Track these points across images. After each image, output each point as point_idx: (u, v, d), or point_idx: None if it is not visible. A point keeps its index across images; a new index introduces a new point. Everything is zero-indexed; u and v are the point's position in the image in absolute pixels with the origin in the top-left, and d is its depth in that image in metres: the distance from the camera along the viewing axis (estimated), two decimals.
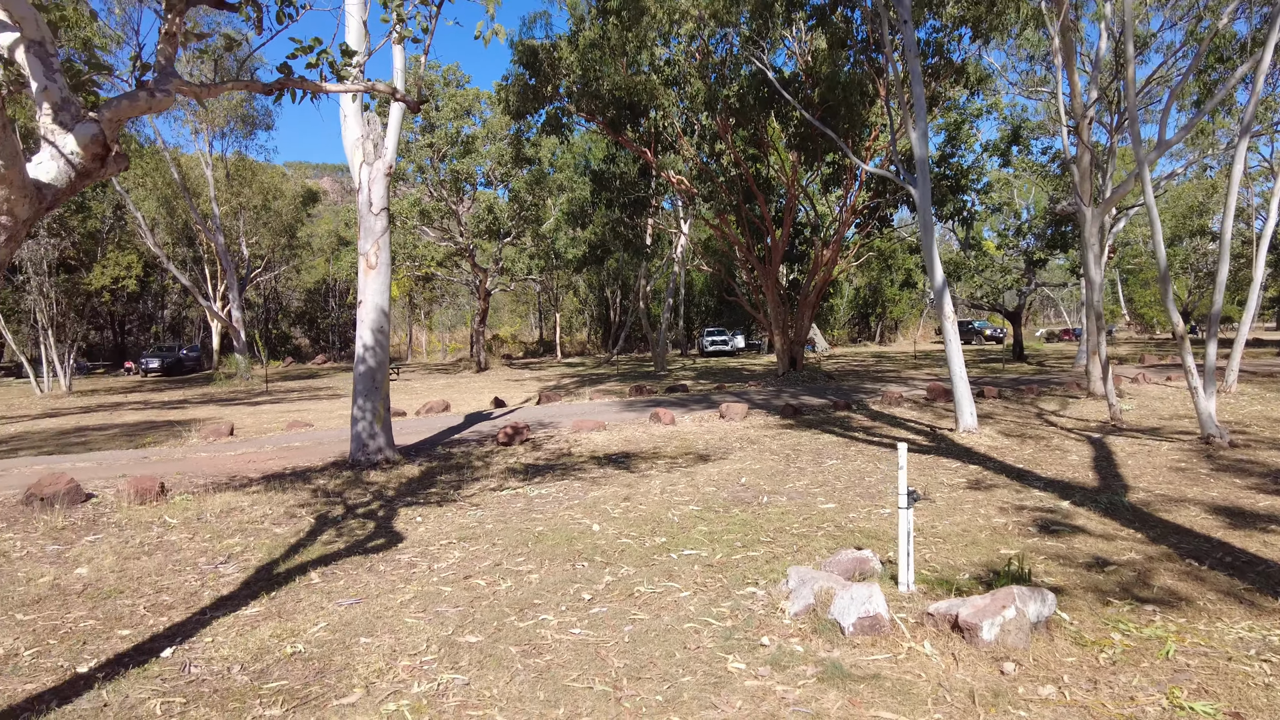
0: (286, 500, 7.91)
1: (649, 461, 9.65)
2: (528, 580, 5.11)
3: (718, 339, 43.51)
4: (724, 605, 4.55)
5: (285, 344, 50.12)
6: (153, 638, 4.35)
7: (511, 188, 32.39)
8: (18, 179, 2.93)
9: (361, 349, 9.72)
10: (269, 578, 5.39)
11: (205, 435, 13.21)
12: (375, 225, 9.68)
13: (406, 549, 6.01)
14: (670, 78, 18.81)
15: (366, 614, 4.58)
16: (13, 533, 6.89)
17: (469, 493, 8.11)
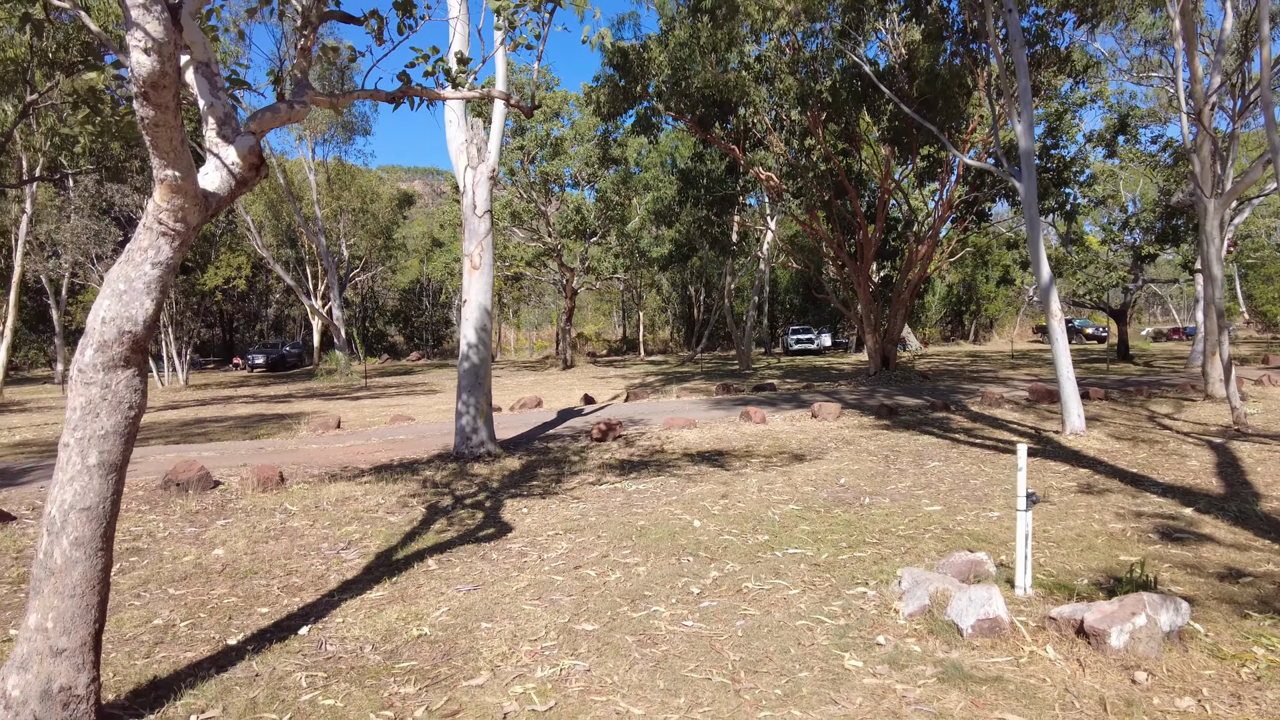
0: (397, 490, 8.26)
1: (742, 460, 9.65)
2: (636, 573, 5.21)
3: (803, 337, 42.94)
4: (835, 604, 4.54)
5: (382, 341, 52.07)
6: (289, 616, 4.64)
7: (598, 188, 32.78)
8: (191, 189, 3.19)
9: (465, 346, 10.06)
10: (389, 563, 5.66)
11: (314, 428, 13.89)
12: (479, 227, 10.00)
13: (516, 539, 6.21)
14: (761, 74, 18.70)
15: (485, 600, 4.77)
16: (155, 515, 7.43)
17: (569, 486, 8.29)
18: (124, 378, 3.16)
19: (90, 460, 3.07)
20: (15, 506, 7.74)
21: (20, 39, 14.48)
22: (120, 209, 27.44)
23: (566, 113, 32.77)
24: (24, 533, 6.93)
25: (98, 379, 3.11)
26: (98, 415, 3.10)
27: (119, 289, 3.15)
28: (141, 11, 2.75)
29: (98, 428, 3.09)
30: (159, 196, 3.18)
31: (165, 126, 2.99)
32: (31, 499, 8.14)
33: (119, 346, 3.13)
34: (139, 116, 2.94)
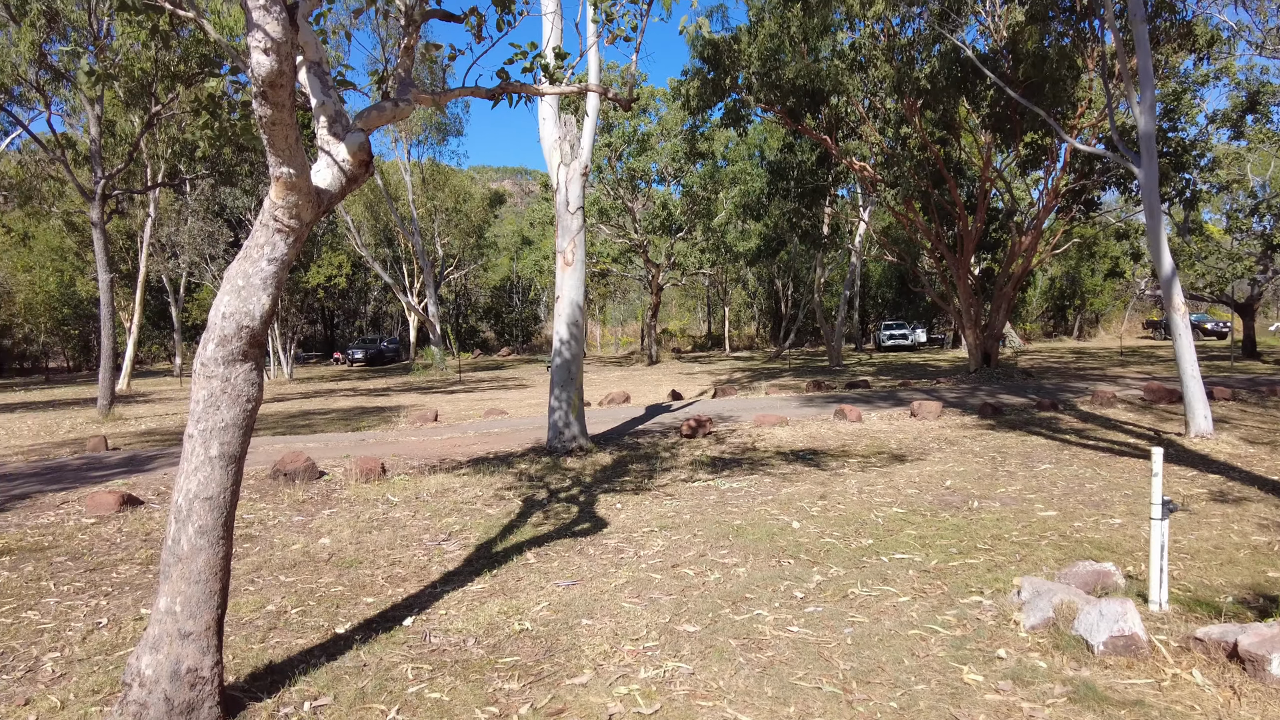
0: (493, 483, 8.38)
1: (839, 459, 9.38)
2: (735, 574, 5.09)
3: (896, 333, 41.73)
4: (948, 613, 4.31)
5: (474, 337, 53.42)
6: (393, 606, 4.72)
7: (685, 183, 32.63)
8: (305, 186, 3.24)
9: (557, 342, 10.12)
10: (488, 556, 5.71)
11: (413, 421, 14.29)
12: (572, 224, 10.03)
13: (611, 535, 6.18)
14: (854, 62, 18.17)
15: (584, 596, 4.74)
16: (265, 503, 7.74)
17: (661, 482, 8.23)
18: (242, 371, 3.25)
19: (212, 452, 3.16)
20: (143, 492, 8.21)
21: (145, 55, 15.40)
22: (231, 211, 28.95)
23: (653, 108, 32.74)
24: (150, 516, 7.33)
25: (218, 373, 3.20)
26: (218, 408, 3.19)
27: (237, 285, 3.23)
28: (262, 13, 2.80)
29: (218, 420, 3.18)
30: (275, 194, 3.25)
31: (281, 125, 3.04)
32: (156, 485, 8.63)
33: (238, 341, 3.22)
34: (257, 115, 3.00)
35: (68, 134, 18.94)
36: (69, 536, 6.69)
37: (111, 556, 6.05)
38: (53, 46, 15.36)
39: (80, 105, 17.85)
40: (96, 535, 6.71)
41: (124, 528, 6.93)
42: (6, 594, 5.18)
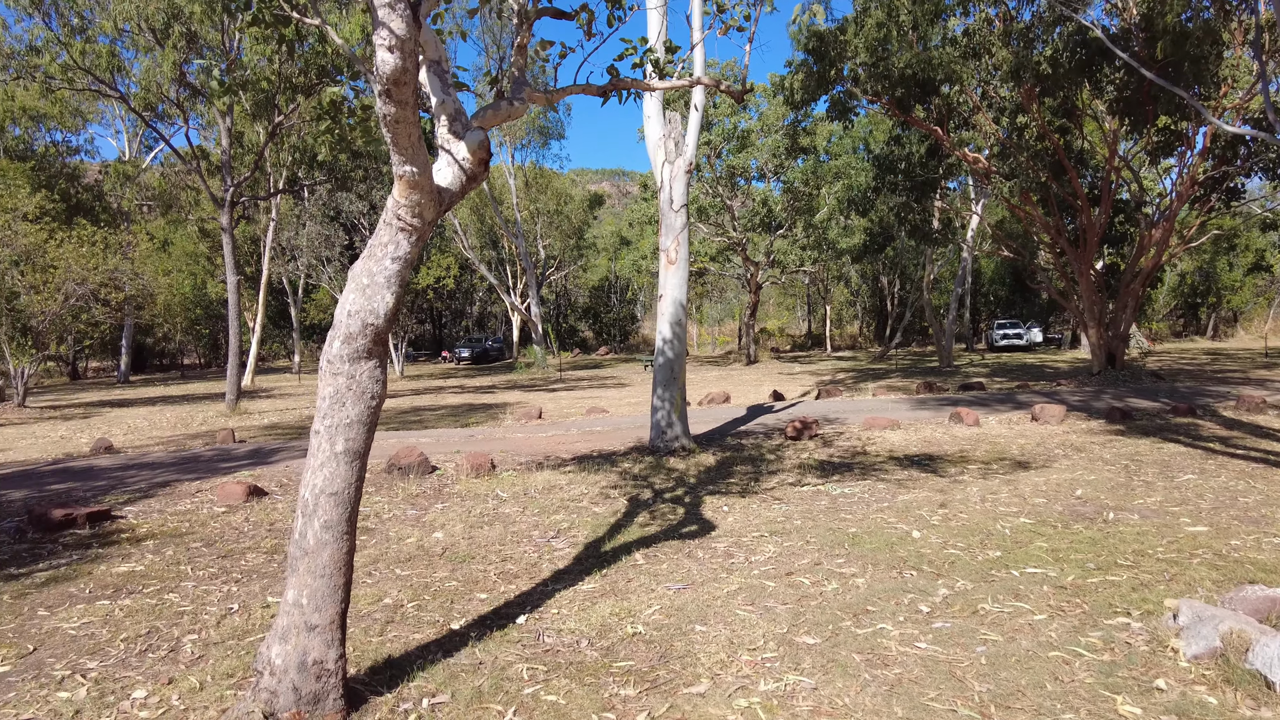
0: (598, 481, 8.37)
1: (957, 465, 8.92)
2: (854, 584, 4.87)
3: (1010, 332, 39.78)
4: (1092, 635, 3.97)
5: (573, 336, 54.25)
6: (506, 604, 4.73)
7: (785, 179, 32.07)
8: (428, 185, 3.25)
9: (660, 342, 10.05)
10: (597, 555, 5.68)
11: (518, 418, 14.53)
12: (675, 222, 9.94)
13: (720, 538, 6.04)
14: (967, 49, 17.35)
15: (696, 601, 4.63)
16: (380, 496, 7.98)
17: (768, 486, 8.02)
18: (367, 369, 3.29)
19: (337, 447, 3.21)
20: (267, 483, 8.61)
21: (270, 68, 16.26)
22: (346, 216, 30.31)
23: (753, 104, 32.32)
24: (274, 507, 7.67)
25: (344, 370, 3.24)
26: (344, 404, 3.23)
27: (362, 283, 3.27)
28: (387, 10, 2.81)
29: (344, 416, 3.23)
30: (398, 193, 3.27)
31: (404, 123, 3.05)
32: (279, 477, 9.04)
33: (363, 339, 3.26)
34: (381, 114, 3.02)
35: (202, 146, 20.26)
36: (203, 524, 7.06)
37: (240, 544, 6.34)
38: (190, 66, 16.44)
39: (213, 119, 19.08)
40: (227, 524, 7.06)
41: (250, 517, 7.26)
42: (151, 576, 5.49)
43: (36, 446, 14.03)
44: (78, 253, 20.94)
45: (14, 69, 15.00)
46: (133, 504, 7.86)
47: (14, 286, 20.45)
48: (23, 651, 4.21)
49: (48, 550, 6.32)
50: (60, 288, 20.52)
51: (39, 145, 33.56)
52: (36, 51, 14.89)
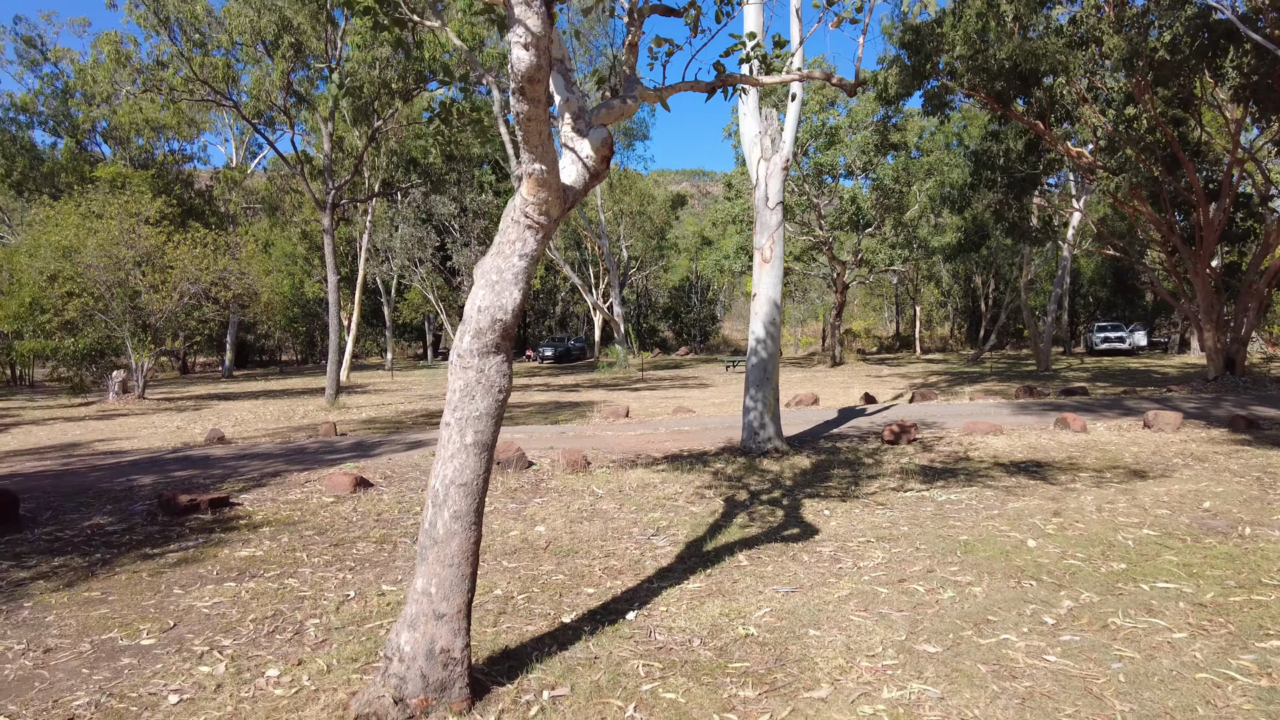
0: (692, 480, 8.34)
1: (1068, 473, 8.52)
2: (971, 593, 4.69)
3: (1111, 335, 37.85)
4: (1243, 658, 3.71)
5: (653, 336, 54.43)
6: (614, 599, 4.75)
7: (875, 175, 31.35)
8: (555, 182, 3.28)
9: (754, 341, 9.95)
10: (699, 554, 5.64)
11: (606, 416, 14.64)
12: (771, 219, 9.82)
13: (824, 542, 5.92)
14: (1074, 38, 16.58)
15: (806, 605, 4.54)
16: None
17: (869, 490, 7.83)
18: (495, 363, 3.34)
19: (467, 439, 3.27)
20: (371, 475, 8.90)
21: (369, 75, 16.85)
22: (438, 218, 31.19)
23: (842, 101, 31.73)
24: (379, 498, 7.92)
25: (473, 364, 3.30)
26: (473, 398, 3.29)
27: (491, 279, 3.33)
28: (523, 8, 2.84)
29: (473, 409, 3.29)
30: (526, 191, 3.31)
31: (536, 120, 3.08)
32: (382, 469, 9.33)
33: (491, 334, 3.31)
34: (514, 112, 3.06)
35: (306, 151, 21.21)
36: (314, 513, 7.35)
37: (350, 533, 6.56)
38: (296, 75, 17.22)
39: (315, 125, 19.94)
40: (336, 513, 7.33)
41: (358, 507, 7.52)
42: (270, 561, 5.74)
43: (157, 435, 14.92)
44: (191, 254, 22.18)
45: (142, 82, 16.05)
46: (248, 492, 8.25)
47: (136, 285, 21.81)
48: (164, 626, 4.46)
49: (176, 533, 6.69)
50: (176, 287, 21.76)
51: (158, 154, 35.79)
52: (163, 65, 15.88)
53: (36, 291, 22.52)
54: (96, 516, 7.35)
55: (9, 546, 6.38)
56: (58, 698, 3.60)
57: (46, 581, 5.41)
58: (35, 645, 4.25)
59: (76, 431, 16.14)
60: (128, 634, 4.36)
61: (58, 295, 22.05)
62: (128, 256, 21.69)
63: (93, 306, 22.02)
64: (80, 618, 4.65)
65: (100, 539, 6.57)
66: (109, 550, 6.20)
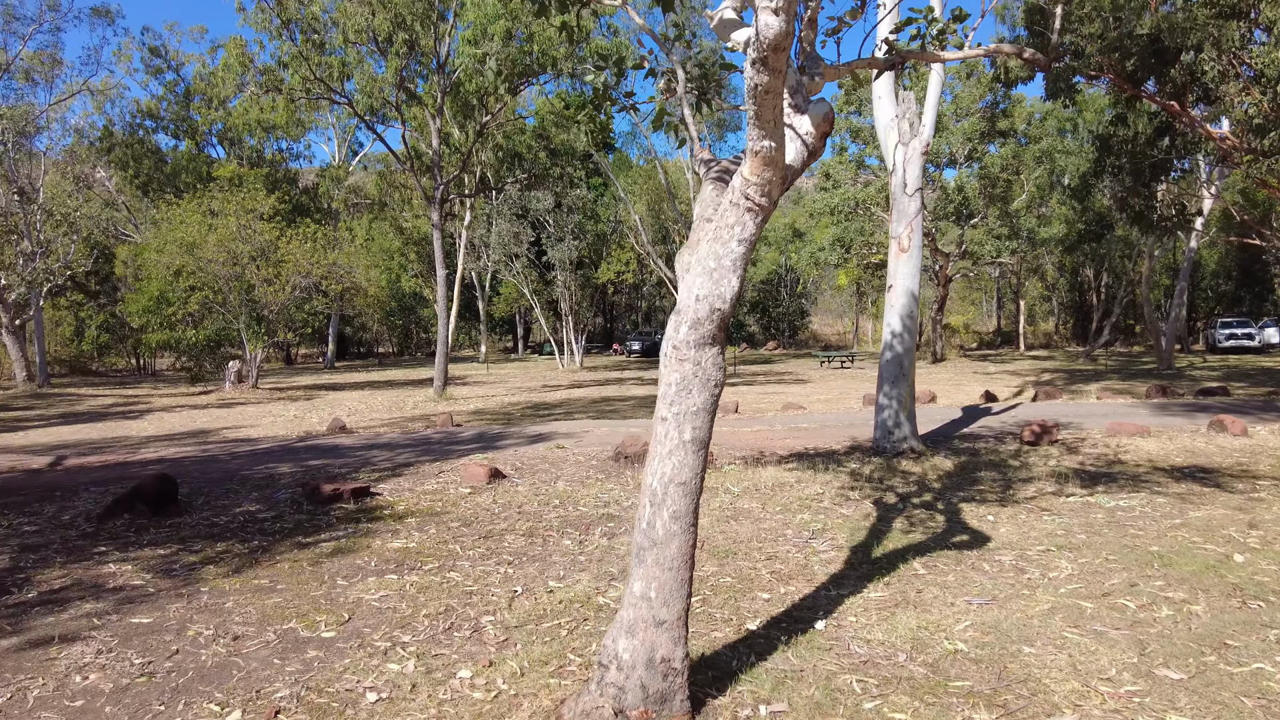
0: (829, 480, 8.02)
1: (1243, 480, 7.82)
2: (1191, 612, 4.25)
3: (1238, 331, 35.36)
4: None
5: (739, 331, 53.79)
6: (793, 606, 4.50)
7: (983, 164, 30.05)
8: (782, 161, 3.05)
9: (889, 335, 9.53)
10: (868, 560, 5.34)
11: None
12: (909, 207, 9.38)
13: (1000, 550, 5.53)
14: (1224, 8, 15.37)
15: (1009, 619, 4.19)
16: (613, 484, 8.02)
17: (1025, 495, 7.35)
18: (711, 355, 3.14)
19: (685, 436, 3.08)
20: (502, 466, 8.88)
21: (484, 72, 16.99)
22: (534, 214, 31.49)
23: (947, 86, 30.51)
24: (514, 489, 7.88)
25: (690, 356, 3.11)
26: (690, 392, 3.10)
27: (709, 266, 3.12)
28: None
29: (691, 404, 3.09)
30: (749, 171, 3.09)
31: (774, 93, 2.85)
32: (511, 461, 9.32)
33: (710, 324, 3.11)
34: (752, 85, 2.83)
35: (415, 147, 21.66)
36: (454, 504, 7.35)
37: (496, 526, 6.51)
38: (409, 72, 17.56)
39: (424, 121, 20.34)
40: (476, 504, 7.31)
41: (496, 499, 7.49)
42: (425, 554, 5.72)
43: (278, 424, 15.45)
44: (302, 249, 22.97)
45: (265, 82, 16.67)
46: (384, 481, 8.35)
47: (251, 279, 22.73)
48: (340, 619, 4.44)
49: (324, 522, 6.77)
50: (288, 280, 22.58)
51: (268, 153, 37.33)
52: (284, 66, 16.45)
53: (163, 285, 23.73)
54: (245, 503, 7.55)
55: (174, 530, 6.58)
56: (259, 688, 3.59)
57: (215, 566, 5.51)
58: (223, 631, 4.29)
59: (204, 419, 16.89)
60: (306, 625, 4.36)
61: (182, 289, 23.18)
62: (244, 251, 22.61)
63: (213, 300, 23.06)
64: (258, 606, 4.69)
65: (254, 525, 6.71)
66: (265, 537, 6.31)
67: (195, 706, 3.44)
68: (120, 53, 33.74)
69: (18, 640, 4.25)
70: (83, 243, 31.92)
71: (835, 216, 30.77)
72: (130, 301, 25.94)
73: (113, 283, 37.32)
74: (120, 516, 7.01)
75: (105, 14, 31.78)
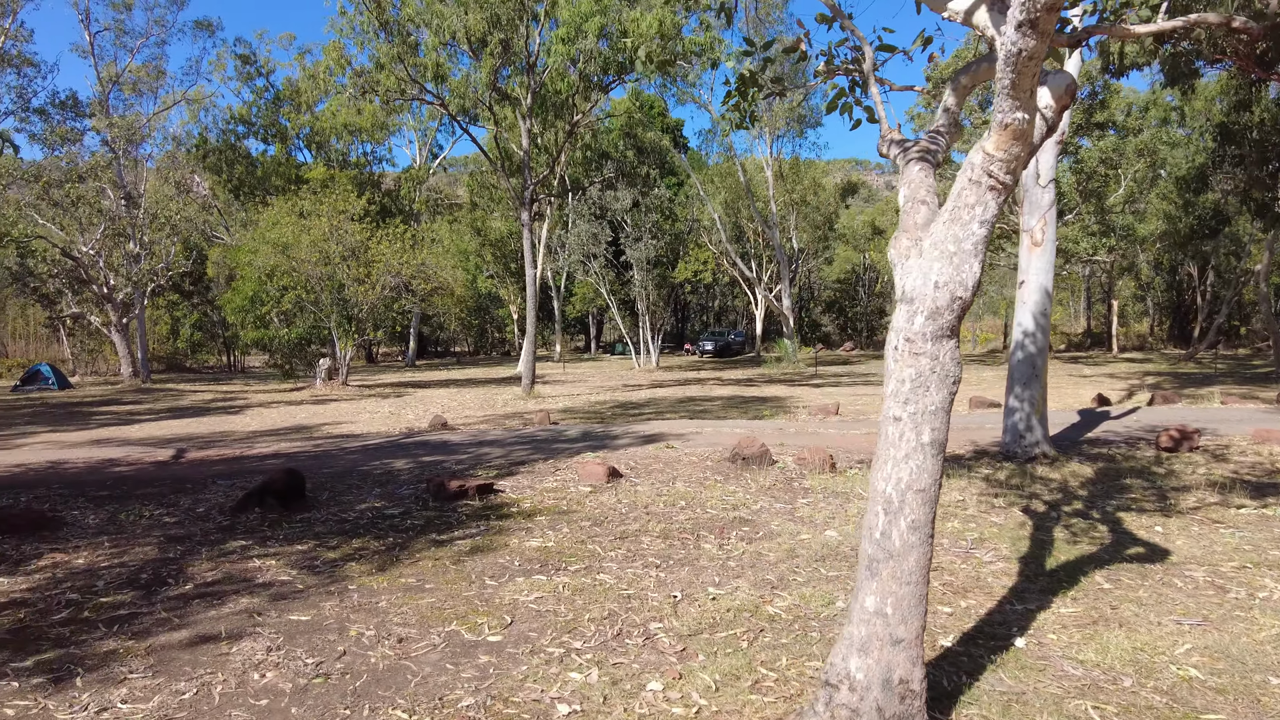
0: (965, 487, 7.62)
1: None
2: None
3: None
4: None
5: (815, 331, 52.91)
6: (980, 621, 4.20)
7: (1079, 158, 28.73)
8: (1030, 134, 2.78)
9: (1020, 334, 9.05)
10: (1042, 572, 4.98)
11: (814, 413, 14.02)
12: (1042, 199, 8.90)
13: (1186, 566, 5.09)
14: None
15: (1235, 645, 3.80)
16: (734, 486, 7.78)
17: (1187, 504, 6.82)
18: (949, 348, 2.87)
19: (924, 438, 2.83)
20: (616, 464, 8.73)
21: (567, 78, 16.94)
22: (612, 214, 31.48)
23: None
24: (634, 489, 7.71)
25: (926, 349, 2.85)
26: (927, 389, 2.84)
27: (948, 250, 2.86)
28: None
29: (928, 403, 2.84)
30: (994, 146, 2.82)
31: (1036, 59, 2.59)
32: (625, 460, 9.15)
33: (949, 314, 2.85)
34: (1014, 50, 2.57)
35: (506, 148, 21.86)
36: (578, 502, 7.22)
37: (629, 526, 6.34)
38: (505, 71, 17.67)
39: (514, 121, 20.47)
40: (601, 503, 7.16)
41: (620, 499, 7.32)
42: (566, 554, 5.58)
43: (375, 420, 15.69)
44: (392, 248, 23.40)
45: (363, 84, 17.01)
46: (503, 478, 8.28)
47: (343, 279, 23.25)
48: (502, 622, 4.32)
49: (454, 519, 6.71)
50: (379, 280, 23.02)
51: (353, 156, 38.35)
52: (381, 67, 16.74)
53: (257, 285, 24.50)
54: (369, 499, 7.56)
55: (306, 525, 6.61)
56: (440, 695, 3.47)
57: (357, 564, 5.47)
58: (385, 632, 4.20)
59: (302, 415, 17.29)
60: (469, 628, 4.24)
61: (275, 289, 23.88)
62: (336, 251, 23.15)
63: (305, 299, 23.68)
64: (412, 605, 4.61)
65: (384, 522, 6.69)
66: (398, 534, 6.27)
67: (381, 713, 3.34)
68: (216, 62, 35.08)
69: (188, 634, 4.25)
70: (181, 245, 33.28)
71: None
72: (225, 301, 26.87)
73: (205, 283, 38.87)
74: (251, 510, 7.10)
75: (206, 26, 33.08)
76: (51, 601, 4.80)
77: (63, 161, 30.29)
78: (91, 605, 4.72)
